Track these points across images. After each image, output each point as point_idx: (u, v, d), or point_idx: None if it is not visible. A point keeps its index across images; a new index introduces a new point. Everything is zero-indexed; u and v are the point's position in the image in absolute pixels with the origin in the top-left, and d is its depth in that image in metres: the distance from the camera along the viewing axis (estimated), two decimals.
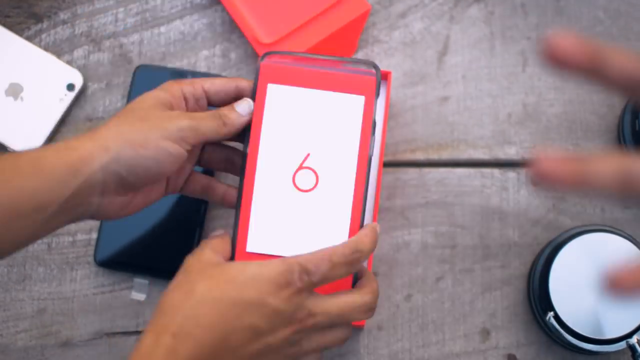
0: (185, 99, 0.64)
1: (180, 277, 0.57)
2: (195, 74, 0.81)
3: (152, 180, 0.61)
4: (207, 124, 0.62)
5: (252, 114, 0.65)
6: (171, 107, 0.63)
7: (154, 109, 0.61)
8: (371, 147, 0.64)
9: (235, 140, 0.68)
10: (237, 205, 0.64)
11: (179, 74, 0.81)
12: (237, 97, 0.66)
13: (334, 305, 0.59)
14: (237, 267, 0.57)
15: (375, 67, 0.66)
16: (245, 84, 0.66)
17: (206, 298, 0.55)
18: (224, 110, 0.64)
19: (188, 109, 0.65)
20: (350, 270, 0.59)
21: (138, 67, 0.81)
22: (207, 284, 0.55)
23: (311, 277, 0.57)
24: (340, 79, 0.65)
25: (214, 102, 0.66)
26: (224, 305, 0.54)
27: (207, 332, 0.54)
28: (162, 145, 0.59)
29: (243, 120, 0.64)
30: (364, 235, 0.60)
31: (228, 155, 0.69)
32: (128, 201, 0.62)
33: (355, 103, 0.65)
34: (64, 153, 0.56)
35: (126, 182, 0.59)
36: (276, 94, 0.66)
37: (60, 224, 0.58)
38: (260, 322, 0.55)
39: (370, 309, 0.61)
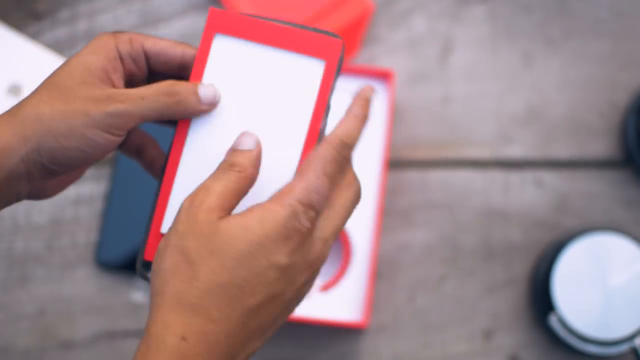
0: (122, 58, 0.54)
1: (174, 250, 0.48)
2: None
3: (80, 166, 0.53)
4: (149, 104, 0.52)
5: (214, 105, 0.53)
6: (105, 76, 0.53)
7: (81, 84, 0.52)
8: (323, 124, 0.54)
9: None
10: (161, 174, 0.54)
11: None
12: (181, 66, 0.55)
13: (338, 220, 0.51)
14: (237, 230, 0.48)
15: (339, 37, 0.54)
16: (193, 51, 0.55)
17: (214, 285, 0.47)
18: (182, 87, 0.53)
19: (126, 73, 0.54)
20: (344, 170, 0.51)
21: None
22: (211, 264, 0.47)
23: (317, 208, 0.49)
24: (301, 37, 0.54)
25: (154, 66, 0.55)
26: (237, 288, 0.47)
27: (223, 325, 0.48)
28: (88, 135, 0.51)
29: (201, 109, 0.53)
30: (344, 123, 0.51)
31: (141, 141, 0.59)
32: (62, 180, 0.56)
33: (313, 68, 0.54)
34: None
35: (51, 170, 0.52)
36: (223, 47, 0.55)
37: None
38: (276, 285, 0.48)
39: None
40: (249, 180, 0.51)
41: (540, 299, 0.74)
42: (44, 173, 0.52)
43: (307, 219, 0.49)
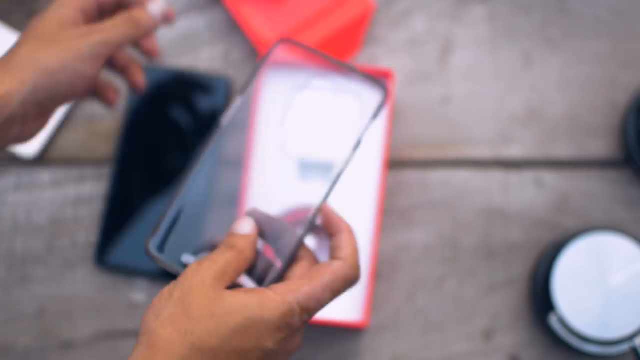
0: (83, 11, 0.64)
1: (177, 301, 0.52)
2: (197, 73, 0.81)
3: (69, 100, 0.62)
4: (118, 31, 0.63)
5: (163, 14, 0.66)
6: (76, 23, 0.62)
7: (61, 30, 0.61)
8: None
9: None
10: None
11: (181, 75, 0.81)
12: (119, 4, 0.67)
13: (327, 296, 0.55)
14: (238, 303, 0.52)
15: (385, 89, 0.60)
16: None
17: (204, 345, 0.51)
18: (135, 13, 0.64)
19: (87, 22, 0.64)
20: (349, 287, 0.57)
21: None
22: (208, 326, 0.51)
23: (312, 313, 0.54)
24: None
25: (105, 12, 0.66)
26: (221, 356, 0.51)
27: None
28: (78, 68, 0.60)
29: (156, 21, 0.65)
30: (346, 259, 0.56)
31: (125, 62, 0.70)
32: (43, 121, 0.63)
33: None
34: None
35: (44, 107, 0.60)
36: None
37: None
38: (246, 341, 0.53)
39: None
40: (247, 262, 0.55)
41: (540, 298, 0.74)
42: (37, 112, 0.60)
43: (300, 320, 0.53)
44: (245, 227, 0.57)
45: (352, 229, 0.58)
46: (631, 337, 0.71)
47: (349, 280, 0.56)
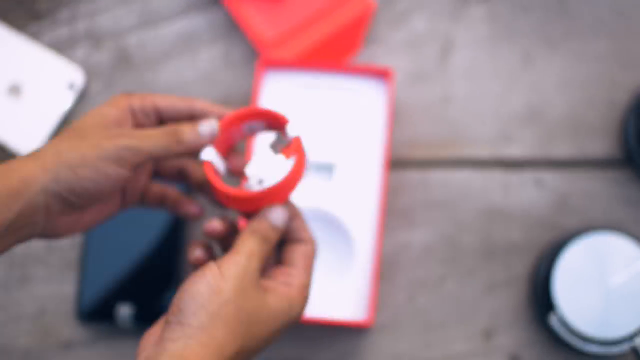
0: (134, 113, 0.61)
1: (227, 304, 0.54)
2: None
3: (95, 200, 0.58)
4: (154, 142, 0.59)
5: (214, 137, 0.61)
6: (118, 124, 0.60)
7: (96, 127, 0.59)
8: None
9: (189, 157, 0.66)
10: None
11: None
12: (191, 117, 0.63)
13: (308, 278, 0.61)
14: (276, 310, 0.57)
15: None
16: (200, 105, 0.63)
17: (245, 352, 0.55)
18: (183, 127, 0.60)
19: (137, 125, 0.62)
20: None
21: None
22: (252, 333, 0.56)
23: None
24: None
25: (166, 119, 0.63)
26: (256, 348, 0.56)
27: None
28: (99, 166, 0.57)
29: (201, 142, 0.61)
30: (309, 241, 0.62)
31: (181, 164, 0.67)
32: (76, 220, 0.60)
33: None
34: (4, 175, 0.55)
35: (68, 202, 0.57)
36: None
37: (6, 247, 0.56)
38: (275, 337, 0.58)
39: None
40: (272, 251, 0.60)
41: (540, 298, 0.74)
42: (62, 205, 0.57)
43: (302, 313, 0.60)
44: (280, 218, 0.60)
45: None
46: (631, 337, 0.71)
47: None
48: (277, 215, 0.60)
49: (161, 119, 0.63)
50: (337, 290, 0.76)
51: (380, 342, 0.78)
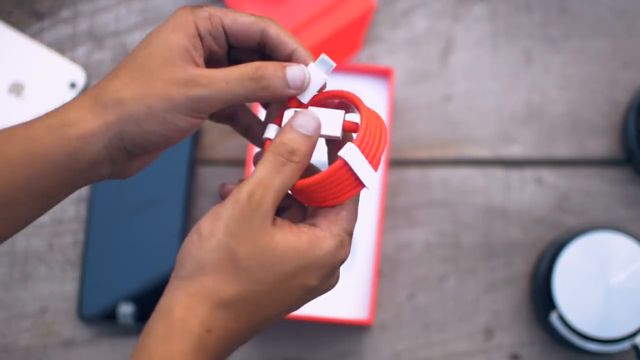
0: (201, 37, 0.52)
1: (223, 240, 0.48)
2: None
3: (163, 148, 0.52)
4: (235, 89, 0.50)
5: (303, 88, 0.51)
6: (187, 55, 0.50)
7: (163, 66, 0.50)
8: None
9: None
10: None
11: None
12: (261, 43, 0.53)
13: (353, 224, 0.53)
14: (288, 250, 0.49)
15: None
16: (274, 30, 0.52)
17: (251, 293, 0.48)
18: (269, 71, 0.50)
19: (205, 49, 0.52)
20: None
21: None
22: (255, 276, 0.48)
23: (351, 237, 0.52)
24: None
25: (233, 42, 0.53)
26: (269, 299, 0.49)
27: (244, 325, 0.49)
28: (170, 119, 0.49)
29: (290, 92, 0.51)
30: None
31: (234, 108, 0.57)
32: (147, 159, 0.54)
33: None
34: (59, 132, 0.49)
35: (135, 153, 0.51)
36: None
37: (73, 191, 0.52)
38: (297, 302, 0.51)
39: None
40: (302, 173, 0.50)
41: (541, 297, 0.74)
42: (127, 156, 0.51)
43: (349, 245, 0.51)
44: (311, 125, 0.50)
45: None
46: (632, 335, 0.71)
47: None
48: (301, 121, 0.50)
49: (229, 42, 0.53)
50: (337, 289, 0.76)
51: (381, 341, 0.78)
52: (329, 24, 0.80)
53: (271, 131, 0.51)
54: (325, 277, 0.50)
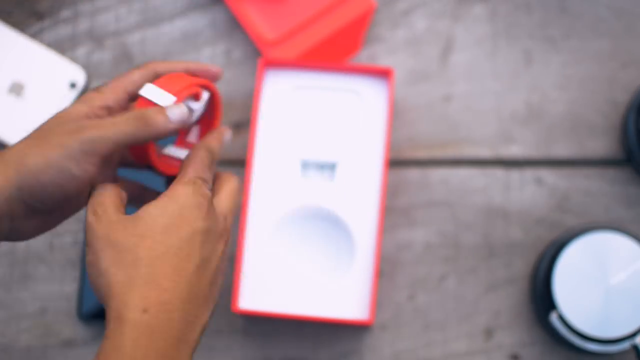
0: (109, 108, 0.57)
1: (106, 250, 0.52)
2: None
3: (62, 202, 0.55)
4: (121, 129, 0.55)
5: (183, 122, 0.57)
6: (85, 118, 0.56)
7: (60, 126, 0.54)
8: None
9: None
10: None
11: None
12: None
13: (229, 201, 0.58)
14: (156, 212, 0.53)
15: None
16: (193, 66, 0.61)
17: (155, 259, 0.51)
18: (150, 112, 0.56)
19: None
20: (213, 169, 0.59)
21: None
22: (145, 244, 0.52)
23: (208, 181, 0.56)
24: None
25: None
26: (174, 256, 0.52)
27: (174, 291, 0.52)
28: (64, 167, 0.53)
29: (171, 127, 0.56)
30: (212, 139, 0.59)
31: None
32: (43, 221, 0.57)
33: None
34: None
35: (33, 208, 0.54)
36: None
37: None
38: (204, 250, 0.54)
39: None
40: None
41: (541, 297, 0.74)
42: (27, 211, 0.54)
43: (206, 188, 0.55)
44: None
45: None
46: (632, 335, 0.71)
47: (212, 160, 0.58)
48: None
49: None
50: (337, 289, 0.76)
51: (381, 341, 0.78)
52: (329, 24, 0.80)
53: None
54: (208, 217, 0.54)
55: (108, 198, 0.54)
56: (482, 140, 0.81)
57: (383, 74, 0.79)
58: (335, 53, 0.81)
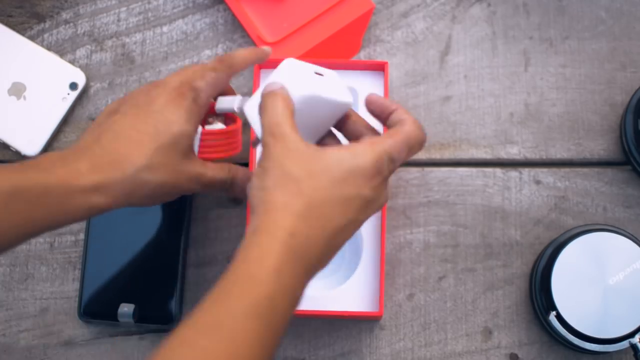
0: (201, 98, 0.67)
1: (275, 171, 0.58)
2: None
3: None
4: (218, 176, 0.68)
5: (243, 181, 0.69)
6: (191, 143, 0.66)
7: (183, 161, 0.65)
8: None
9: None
10: None
11: None
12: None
13: (400, 159, 0.62)
14: (333, 158, 0.58)
15: None
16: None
17: (314, 200, 0.57)
18: (237, 173, 0.69)
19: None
20: (415, 151, 0.64)
21: None
22: (311, 183, 0.57)
23: (395, 164, 0.61)
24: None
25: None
26: (331, 206, 0.57)
27: (319, 232, 0.57)
28: (177, 188, 0.65)
29: (241, 187, 0.69)
30: (412, 122, 0.63)
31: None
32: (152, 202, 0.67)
33: None
34: (90, 197, 0.61)
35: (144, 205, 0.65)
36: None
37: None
38: (358, 213, 0.59)
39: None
40: (291, 101, 0.62)
41: (539, 297, 0.75)
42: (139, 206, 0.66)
43: (388, 169, 0.60)
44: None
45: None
46: (630, 335, 0.71)
47: (420, 140, 0.63)
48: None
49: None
50: (344, 287, 0.76)
51: (380, 341, 0.78)
52: (328, 25, 0.81)
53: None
54: (377, 188, 0.59)
55: (282, 117, 0.60)
56: (481, 141, 0.81)
57: (377, 67, 0.79)
58: (334, 54, 0.81)
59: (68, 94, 0.82)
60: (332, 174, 0.58)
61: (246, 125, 0.69)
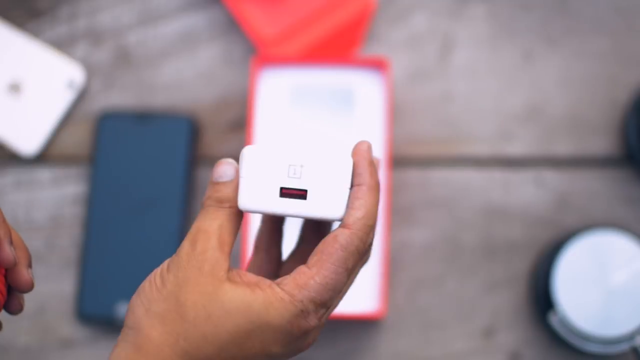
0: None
1: (170, 293, 0.45)
2: (157, 115, 0.81)
3: None
4: None
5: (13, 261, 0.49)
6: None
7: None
8: None
9: None
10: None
11: (144, 118, 0.80)
12: None
13: (339, 302, 0.48)
14: (239, 306, 0.44)
15: None
16: None
17: (198, 354, 0.44)
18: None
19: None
20: (365, 256, 0.48)
21: (102, 117, 0.80)
22: (203, 330, 0.44)
23: (329, 305, 0.46)
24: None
25: None
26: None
27: None
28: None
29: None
30: (363, 202, 0.46)
31: None
32: None
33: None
34: None
35: None
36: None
37: None
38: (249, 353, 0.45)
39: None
40: (240, 215, 0.48)
41: (540, 297, 0.74)
42: None
43: (316, 318, 0.46)
44: (228, 171, 0.48)
45: (376, 185, 0.47)
46: (631, 336, 0.71)
47: (361, 253, 0.46)
48: (219, 172, 0.48)
49: None
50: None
51: (381, 340, 0.78)
52: (329, 23, 0.80)
53: None
54: (292, 344, 0.46)
55: (214, 241, 0.46)
56: (482, 139, 0.81)
57: (378, 65, 0.78)
58: (335, 51, 0.81)
59: (66, 91, 0.81)
60: (234, 324, 0.44)
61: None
